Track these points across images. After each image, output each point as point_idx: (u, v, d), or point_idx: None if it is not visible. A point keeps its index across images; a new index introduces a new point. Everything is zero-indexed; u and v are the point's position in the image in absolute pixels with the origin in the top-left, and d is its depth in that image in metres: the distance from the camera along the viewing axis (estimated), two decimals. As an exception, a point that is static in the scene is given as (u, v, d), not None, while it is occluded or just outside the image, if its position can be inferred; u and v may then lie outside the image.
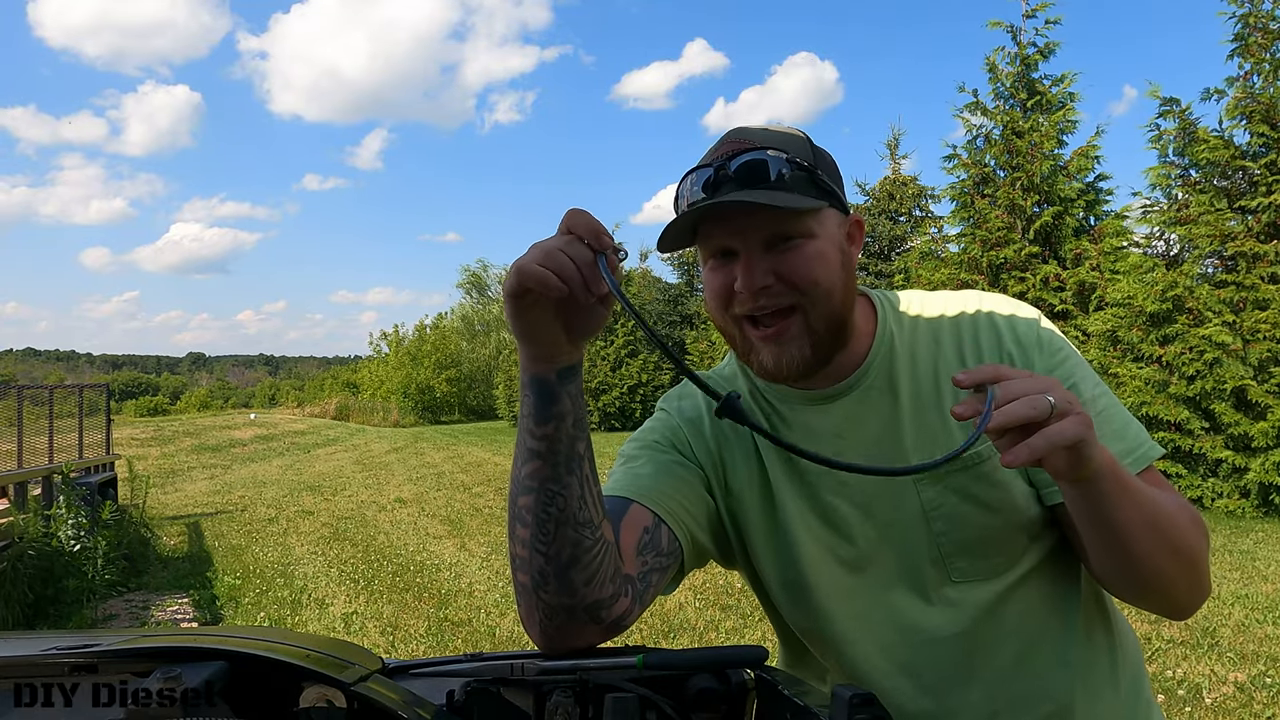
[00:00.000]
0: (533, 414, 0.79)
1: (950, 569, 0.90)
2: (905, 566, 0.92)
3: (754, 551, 0.98)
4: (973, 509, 0.89)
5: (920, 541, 0.91)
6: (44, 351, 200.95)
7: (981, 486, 0.89)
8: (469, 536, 8.34)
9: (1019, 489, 0.90)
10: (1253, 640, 4.54)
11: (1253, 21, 9.01)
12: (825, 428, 0.95)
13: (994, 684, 0.90)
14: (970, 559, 0.90)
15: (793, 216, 0.86)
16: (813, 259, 0.87)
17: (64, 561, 5.86)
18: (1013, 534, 0.90)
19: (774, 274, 0.86)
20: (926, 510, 0.90)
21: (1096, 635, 0.95)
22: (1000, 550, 0.90)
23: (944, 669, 0.91)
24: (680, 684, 0.78)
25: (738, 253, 0.88)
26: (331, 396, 37.35)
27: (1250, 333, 8.55)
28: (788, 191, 0.85)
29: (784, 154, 0.87)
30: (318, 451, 19.09)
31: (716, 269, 0.90)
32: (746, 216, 0.86)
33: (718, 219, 0.87)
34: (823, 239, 0.88)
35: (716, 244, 0.89)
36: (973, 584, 0.90)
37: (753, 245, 0.87)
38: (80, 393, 10.20)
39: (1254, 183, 8.96)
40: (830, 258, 0.88)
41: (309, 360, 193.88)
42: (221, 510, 10.78)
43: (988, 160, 11.65)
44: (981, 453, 0.89)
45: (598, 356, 22.11)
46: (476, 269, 38.26)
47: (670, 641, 4.83)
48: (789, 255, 0.87)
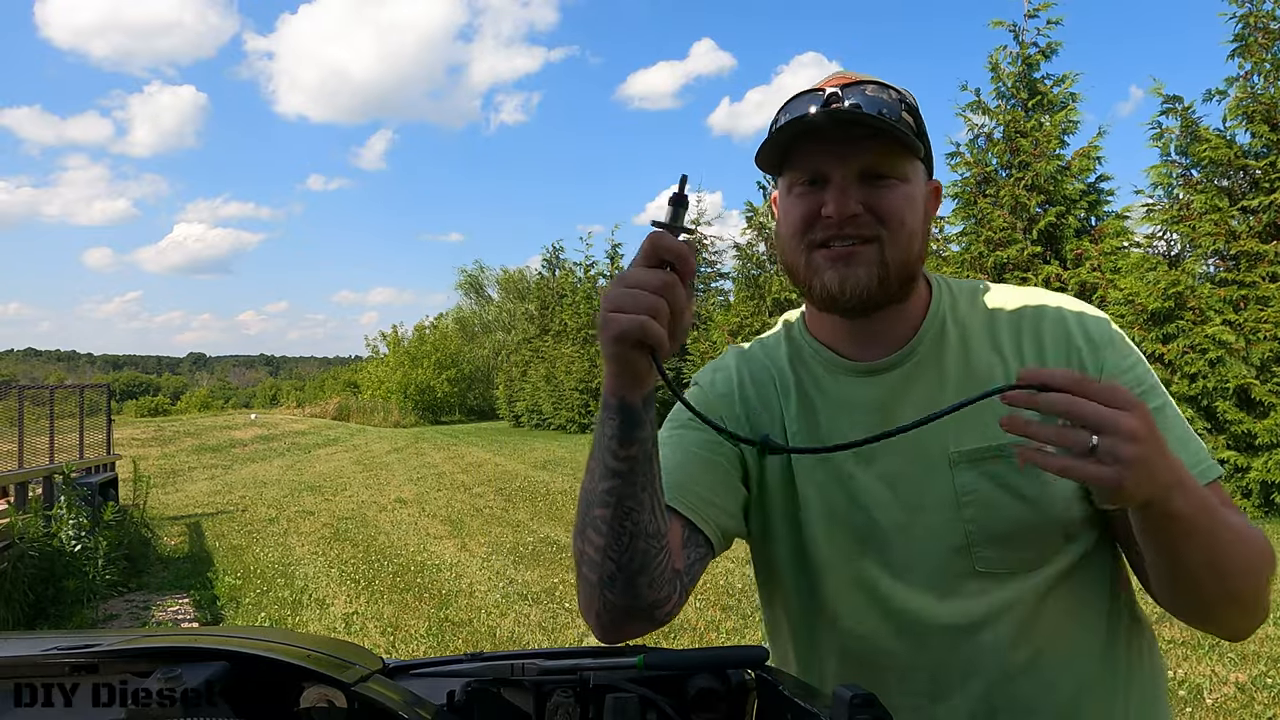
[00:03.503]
0: (617, 436, 0.78)
1: (976, 558, 0.87)
2: (927, 550, 0.89)
3: (770, 523, 0.97)
4: (1009, 499, 0.86)
5: (947, 526, 0.88)
6: (45, 352, 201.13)
7: (1021, 477, 0.86)
8: (469, 537, 8.34)
9: (1063, 484, 0.86)
10: (1253, 641, 4.54)
11: (1253, 21, 9.00)
12: (867, 400, 0.93)
13: (999, 683, 0.88)
14: (999, 550, 0.87)
15: (894, 155, 0.86)
16: (903, 201, 0.87)
17: (65, 562, 5.86)
18: (1047, 530, 0.87)
19: (864, 205, 0.86)
20: (959, 495, 0.87)
21: (1118, 651, 0.92)
22: (1031, 545, 0.87)
23: (949, 659, 0.89)
24: (680, 684, 0.78)
25: (827, 182, 0.87)
26: (332, 397, 37.38)
27: (1252, 332, 8.55)
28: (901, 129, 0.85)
29: (897, 93, 0.88)
30: (318, 452, 19.10)
31: (802, 195, 0.89)
32: (851, 144, 0.85)
33: (819, 142, 0.86)
34: (914, 187, 0.89)
35: (812, 166, 0.87)
36: (998, 576, 0.87)
37: (849, 173, 0.86)
38: (81, 393, 10.21)
39: (1255, 182, 8.96)
40: (916, 207, 0.89)
41: (310, 360, 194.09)
42: (222, 510, 10.79)
43: (990, 160, 11.65)
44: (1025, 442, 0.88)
45: (598, 357, 22.08)
46: (474, 270, 38.30)
47: (670, 641, 4.83)
48: (882, 191, 0.86)
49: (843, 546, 0.92)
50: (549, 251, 27.09)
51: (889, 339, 0.93)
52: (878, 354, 0.93)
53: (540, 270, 28.13)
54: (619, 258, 23.88)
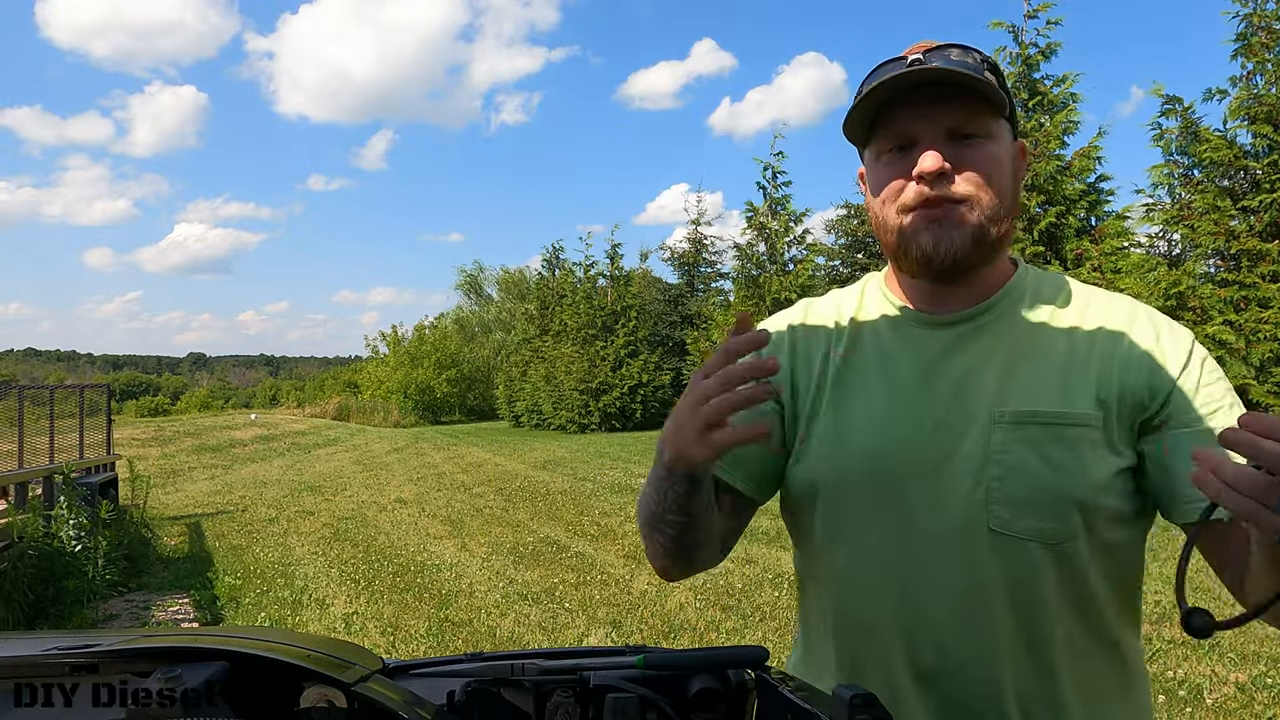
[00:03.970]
0: (680, 499, 0.88)
1: (991, 516, 0.87)
2: (947, 497, 0.89)
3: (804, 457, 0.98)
4: (1037, 463, 0.86)
5: (969, 479, 0.88)
6: (45, 352, 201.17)
7: (1056, 447, 0.87)
8: (469, 537, 8.34)
9: (1098, 467, 0.86)
10: (1254, 641, 4.54)
11: (1256, 21, 9.01)
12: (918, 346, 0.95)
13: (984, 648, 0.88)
14: (1015, 513, 0.87)
15: (980, 114, 0.88)
16: (991, 159, 0.89)
17: (64, 561, 5.86)
18: (1066, 505, 0.86)
19: (953, 164, 0.88)
20: (989, 452, 0.88)
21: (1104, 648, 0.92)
22: (1048, 516, 0.86)
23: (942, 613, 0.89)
24: (680, 684, 0.78)
25: (917, 144, 0.89)
26: (332, 397, 37.36)
27: (1251, 332, 8.56)
28: None
29: (979, 53, 0.90)
30: (318, 452, 19.10)
31: (892, 162, 0.91)
32: (937, 104, 0.87)
33: (906, 106, 0.88)
34: (1001, 145, 0.90)
35: (900, 131, 0.89)
36: (1009, 539, 0.87)
37: (938, 133, 0.88)
38: (81, 393, 10.20)
39: (1256, 182, 8.97)
40: (1005, 165, 0.91)
41: (310, 360, 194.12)
42: (222, 510, 10.79)
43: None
44: (1068, 415, 0.87)
45: (597, 357, 22.13)
46: (473, 270, 38.29)
47: (670, 641, 4.83)
48: (970, 150, 0.88)
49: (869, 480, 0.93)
50: (549, 251, 27.10)
51: (963, 299, 0.95)
52: (948, 309, 0.95)
53: (540, 270, 28.15)
54: (619, 258, 23.89)
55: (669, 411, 0.95)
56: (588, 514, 9.29)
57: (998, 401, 0.89)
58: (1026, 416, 0.88)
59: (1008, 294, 0.95)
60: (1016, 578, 0.87)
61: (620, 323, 22.56)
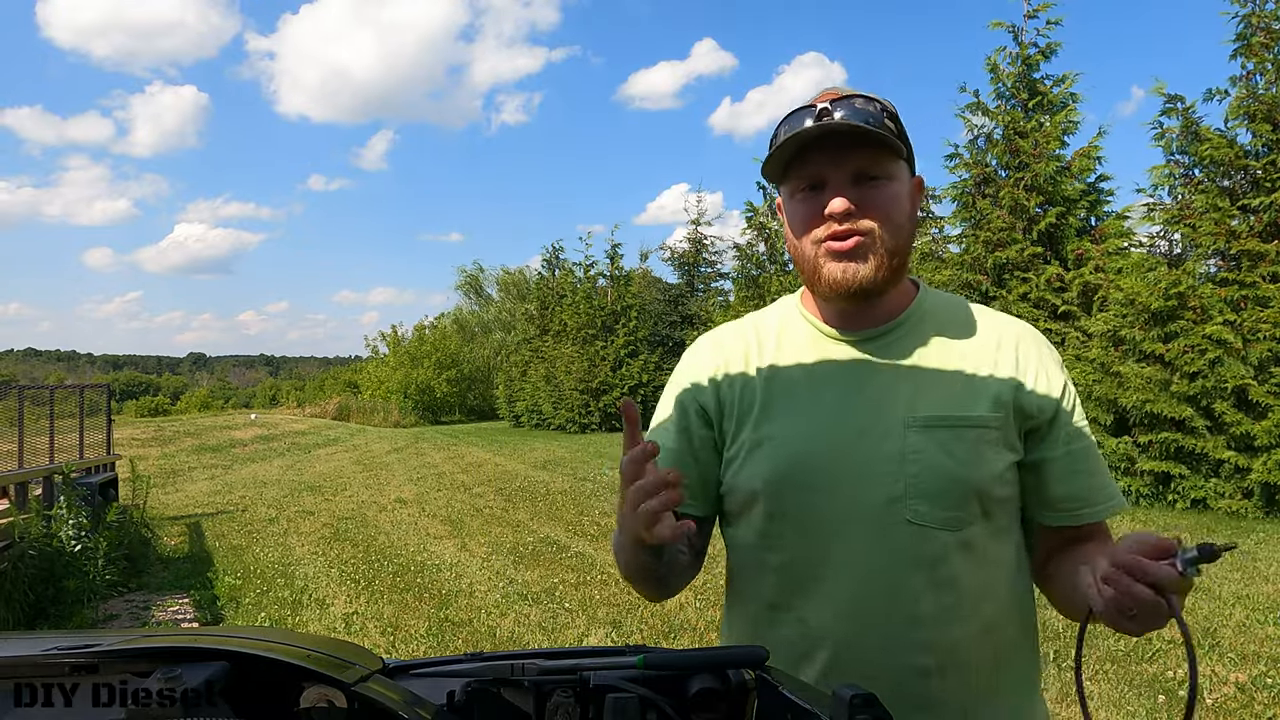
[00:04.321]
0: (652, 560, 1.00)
1: (907, 509, 0.99)
2: (870, 495, 1.00)
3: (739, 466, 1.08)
4: (947, 461, 0.99)
5: (890, 478, 1.00)
6: (45, 352, 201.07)
7: (960, 445, 1.00)
8: (469, 537, 8.34)
9: (993, 462, 1.01)
10: (1253, 641, 4.54)
11: (1255, 21, 9.01)
12: (840, 362, 1.07)
13: (909, 626, 0.99)
14: (929, 505, 0.99)
15: (882, 158, 1.00)
16: (891, 198, 1.01)
17: (65, 561, 5.85)
18: (969, 496, 1.00)
19: (859, 203, 0.99)
20: (906, 452, 1.00)
21: (1015, 619, 1.06)
22: (955, 505, 0.99)
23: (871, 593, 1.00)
24: (680, 684, 0.78)
25: (826, 185, 1.00)
26: (332, 397, 37.33)
27: (1251, 332, 8.55)
28: None
29: (878, 103, 1.01)
30: (318, 451, 19.09)
31: (805, 199, 1.02)
32: (842, 151, 0.99)
33: (818, 150, 1.00)
34: (900, 184, 1.03)
35: (811, 174, 1.01)
36: (923, 529, 0.99)
37: (844, 176, 1.00)
38: (81, 393, 10.19)
39: (1256, 182, 8.96)
40: (903, 202, 1.03)
41: (310, 360, 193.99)
42: (222, 510, 10.79)
43: (990, 160, 11.64)
44: (970, 418, 1.01)
45: (597, 357, 22.12)
46: (473, 270, 38.27)
47: (670, 642, 4.83)
48: (873, 191, 1.00)
49: (792, 488, 1.04)
50: (549, 251, 27.09)
51: (872, 318, 1.07)
52: (861, 326, 1.08)
53: (540, 270, 28.13)
54: (619, 258, 23.89)
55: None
56: (588, 514, 9.29)
57: (910, 408, 1.02)
58: (935, 420, 1.01)
59: (912, 313, 1.08)
60: (931, 561, 0.99)
61: (620, 323, 22.56)
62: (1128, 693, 3.88)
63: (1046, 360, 1.06)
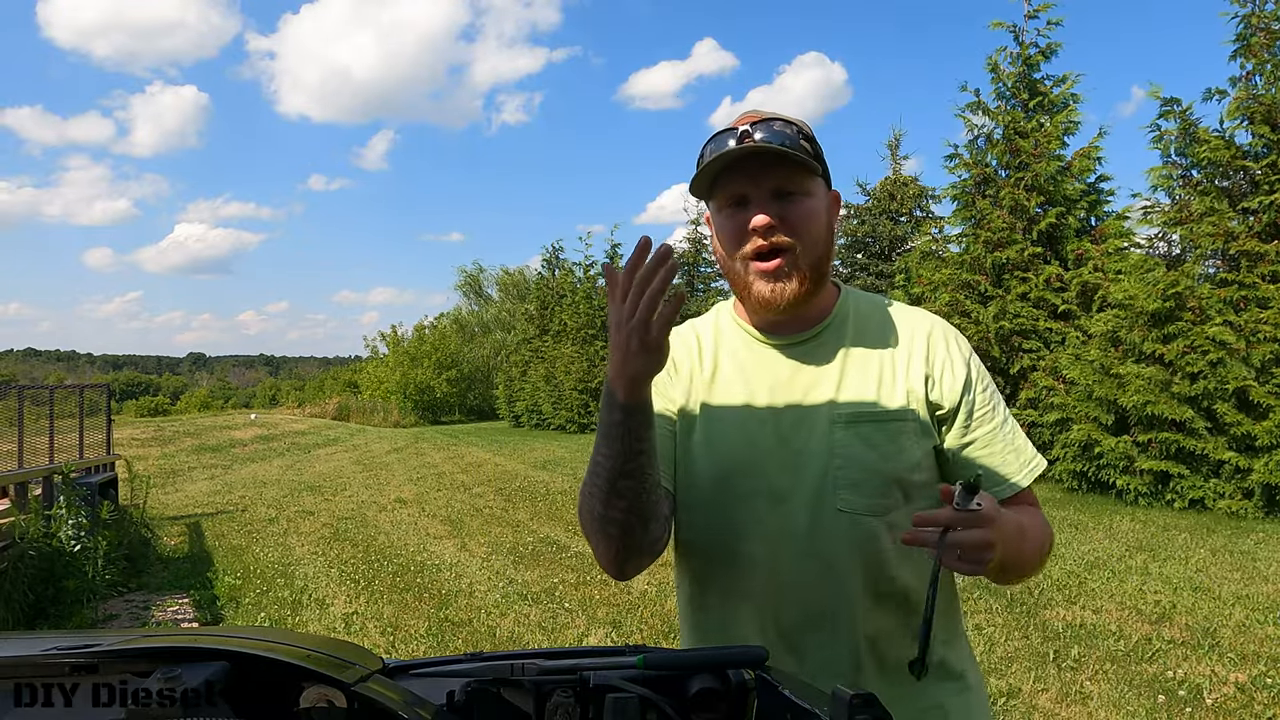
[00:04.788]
0: (637, 435, 0.98)
1: (837, 498, 1.07)
2: (801, 489, 1.08)
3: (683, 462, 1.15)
4: (869, 453, 1.08)
5: (819, 471, 1.08)
6: (45, 352, 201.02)
7: (882, 438, 1.09)
8: (469, 537, 8.35)
9: (912, 450, 1.09)
10: (1253, 641, 4.54)
11: (1254, 22, 9.01)
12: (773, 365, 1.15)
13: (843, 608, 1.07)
14: (854, 494, 1.07)
15: (798, 175, 1.07)
16: (809, 212, 1.09)
17: (64, 561, 5.85)
18: (890, 483, 1.08)
19: (779, 218, 1.07)
20: (832, 447, 1.08)
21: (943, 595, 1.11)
22: (878, 493, 1.07)
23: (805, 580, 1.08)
24: (680, 684, 0.79)
25: (749, 202, 1.07)
26: (332, 397, 37.34)
27: (1251, 333, 8.55)
28: None
29: (794, 125, 1.08)
30: (318, 451, 19.09)
31: (731, 215, 1.09)
32: (763, 170, 1.06)
33: (738, 171, 1.07)
34: (817, 199, 1.10)
35: (734, 191, 1.08)
36: (851, 516, 1.07)
37: (764, 193, 1.07)
38: (81, 393, 10.19)
39: (1255, 183, 8.96)
40: (820, 216, 1.10)
41: (309, 360, 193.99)
42: (222, 510, 10.79)
43: (990, 160, 11.64)
44: (890, 412, 1.10)
45: (597, 357, 22.12)
46: (473, 270, 38.26)
47: (670, 642, 4.83)
48: (792, 206, 1.07)
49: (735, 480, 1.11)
50: (549, 251, 27.10)
51: (799, 323, 1.15)
52: (788, 332, 1.16)
53: (540, 270, 28.13)
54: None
55: None
56: (588, 514, 9.28)
57: (835, 406, 1.11)
58: (858, 416, 1.10)
59: (835, 317, 1.17)
60: (859, 545, 1.07)
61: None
62: (1127, 693, 3.88)
63: (953, 351, 1.15)
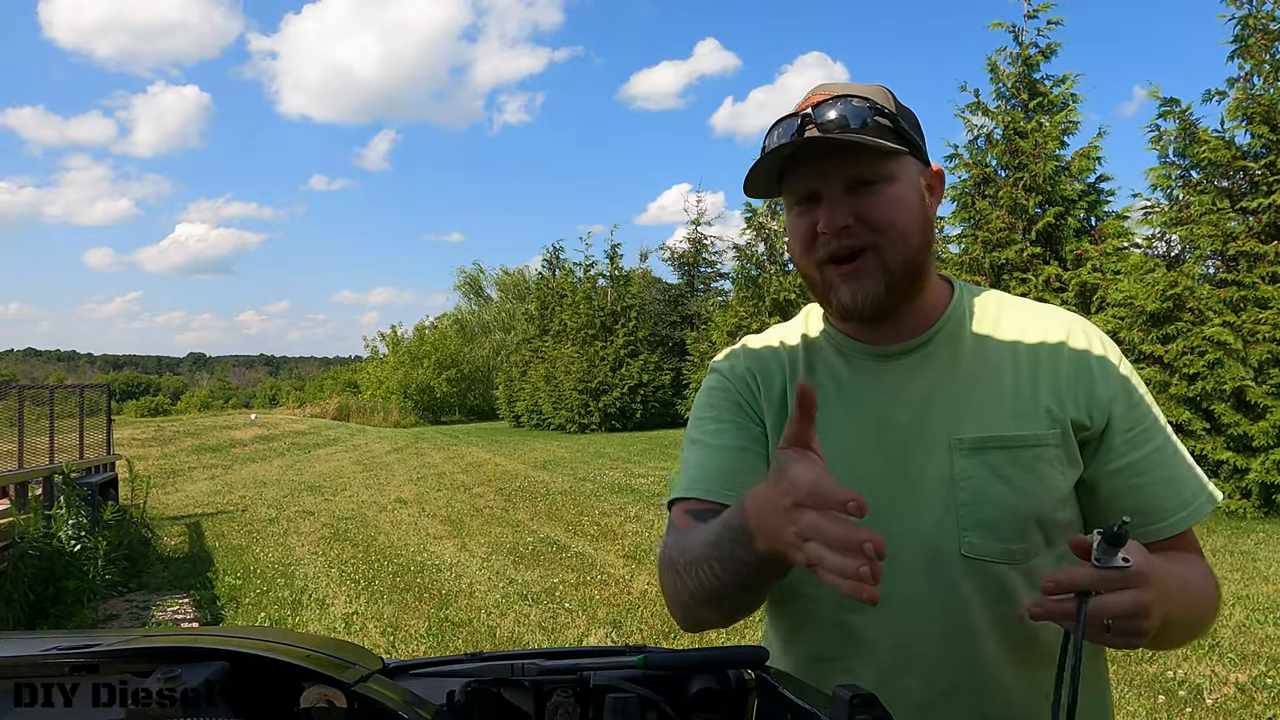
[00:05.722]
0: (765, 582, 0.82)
1: (963, 542, 0.89)
2: (918, 527, 0.91)
3: None
4: (1002, 487, 0.89)
5: (940, 507, 0.90)
6: (45, 352, 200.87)
7: (1016, 469, 0.90)
8: (469, 537, 8.34)
9: (1053, 484, 0.90)
10: (1253, 641, 4.53)
11: (1252, 23, 9.00)
12: (876, 380, 0.97)
13: (968, 669, 0.90)
14: (984, 536, 0.89)
15: (874, 160, 0.89)
16: (892, 202, 0.90)
17: (64, 561, 5.85)
18: (1032, 524, 0.90)
19: (854, 215, 0.89)
20: (956, 478, 0.90)
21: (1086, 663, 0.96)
22: (1016, 537, 0.89)
23: (922, 637, 0.90)
24: (681, 684, 0.78)
25: (820, 198, 0.91)
26: (332, 397, 37.32)
27: (1250, 333, 8.55)
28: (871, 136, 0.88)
29: (867, 101, 0.90)
30: (318, 452, 19.09)
31: (801, 214, 0.93)
32: (830, 159, 0.89)
33: (803, 162, 0.91)
34: (903, 184, 0.91)
35: (801, 187, 0.92)
36: (982, 564, 0.89)
37: (835, 187, 0.90)
38: (81, 393, 10.19)
39: (1255, 183, 8.96)
40: (910, 203, 0.92)
41: (310, 360, 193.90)
42: (222, 510, 10.78)
43: (989, 161, 11.64)
44: (1025, 437, 0.90)
45: (597, 357, 22.12)
46: (473, 270, 38.25)
47: (670, 642, 4.83)
48: (869, 198, 0.90)
49: None
50: (549, 251, 27.09)
51: (905, 329, 0.97)
52: (893, 340, 0.97)
53: (540, 270, 28.13)
54: (619, 258, 23.88)
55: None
56: (588, 514, 9.28)
57: (955, 428, 0.92)
58: (984, 442, 0.91)
59: (949, 319, 0.97)
60: (992, 599, 0.89)
61: (620, 323, 22.54)
62: (1128, 693, 3.88)
63: (1101, 358, 0.93)
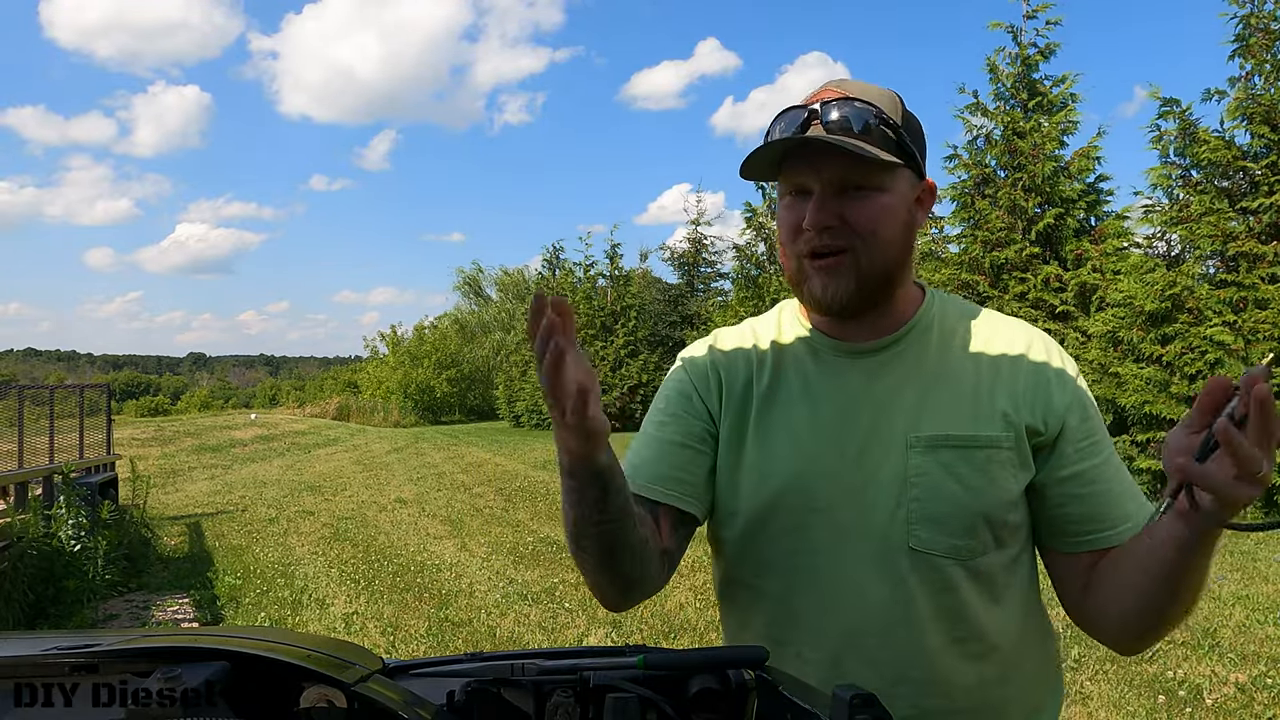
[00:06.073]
0: (596, 502, 0.85)
1: (910, 535, 0.93)
2: (869, 520, 0.94)
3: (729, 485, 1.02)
4: (953, 485, 0.92)
5: (892, 501, 0.94)
6: (45, 351, 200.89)
7: (968, 468, 0.93)
8: (469, 537, 8.34)
9: (1004, 484, 0.93)
10: (1253, 641, 4.54)
11: (1253, 22, 9.00)
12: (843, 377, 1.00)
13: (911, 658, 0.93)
14: (933, 531, 0.92)
15: (869, 167, 0.91)
16: (879, 211, 0.93)
17: (64, 561, 5.85)
18: (980, 522, 0.93)
19: (839, 216, 0.92)
20: (909, 474, 0.93)
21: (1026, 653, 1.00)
22: (964, 533, 0.92)
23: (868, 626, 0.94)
24: (681, 684, 0.78)
25: (812, 192, 0.93)
26: (332, 397, 37.31)
27: (1250, 333, 8.55)
28: (871, 143, 0.90)
29: (874, 108, 0.92)
30: (318, 451, 19.09)
31: (792, 205, 0.96)
32: (826, 158, 0.91)
33: (801, 157, 0.93)
34: (893, 195, 0.94)
35: (796, 180, 0.95)
36: (928, 557, 0.93)
37: (827, 186, 0.92)
38: (81, 393, 10.19)
39: (1255, 183, 8.96)
40: (896, 214, 0.94)
41: (310, 360, 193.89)
42: (222, 510, 10.78)
43: (989, 161, 11.64)
44: (979, 438, 0.93)
45: (597, 357, 22.11)
46: (472, 270, 38.24)
47: (671, 642, 4.83)
48: (858, 203, 0.92)
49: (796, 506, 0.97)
50: (549, 251, 27.10)
51: (876, 328, 1.00)
52: (863, 338, 1.00)
53: (540, 270, 28.13)
54: (619, 258, 23.88)
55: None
56: (587, 514, 9.28)
57: (912, 426, 0.95)
58: (939, 440, 0.94)
59: (918, 323, 1.01)
60: (936, 592, 0.93)
61: (620, 323, 22.55)
62: (1127, 693, 3.88)
63: (1057, 369, 0.97)
